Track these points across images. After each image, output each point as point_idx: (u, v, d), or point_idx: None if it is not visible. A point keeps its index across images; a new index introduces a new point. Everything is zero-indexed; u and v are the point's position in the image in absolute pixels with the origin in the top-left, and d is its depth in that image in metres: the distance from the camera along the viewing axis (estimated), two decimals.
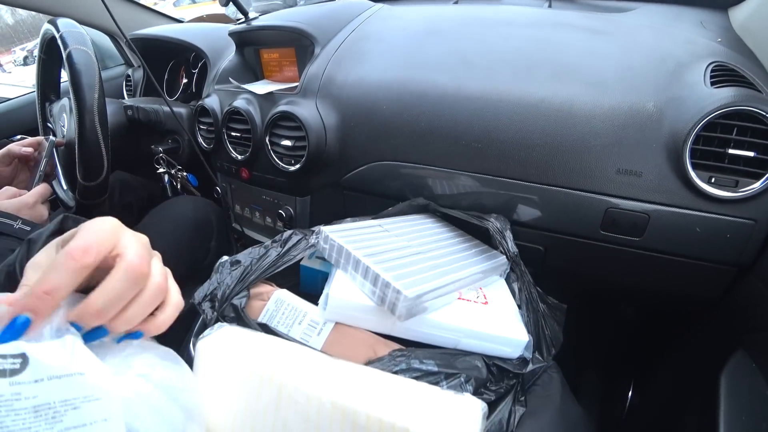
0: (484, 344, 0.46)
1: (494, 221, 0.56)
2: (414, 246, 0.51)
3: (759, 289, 0.49)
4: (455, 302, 0.48)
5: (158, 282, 0.28)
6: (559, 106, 0.53)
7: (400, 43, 0.69)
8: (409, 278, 0.43)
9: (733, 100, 0.47)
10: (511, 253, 0.54)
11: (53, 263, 0.24)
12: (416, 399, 0.35)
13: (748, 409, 0.45)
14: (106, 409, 0.25)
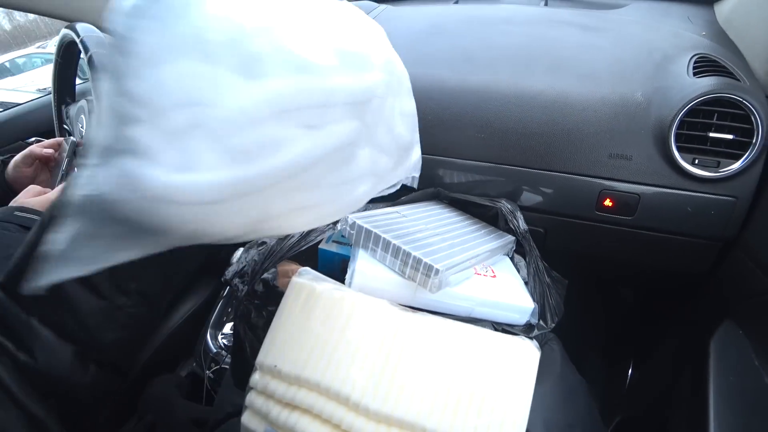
0: (495, 312, 0.51)
1: (505, 203, 0.60)
2: (430, 229, 0.56)
3: (743, 261, 0.53)
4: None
5: None
6: (555, 98, 0.58)
7: (405, 41, 0.73)
8: (435, 255, 0.47)
9: (713, 88, 0.51)
10: (521, 230, 0.58)
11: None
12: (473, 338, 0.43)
13: (735, 370, 0.48)
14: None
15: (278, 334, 0.43)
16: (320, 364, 0.40)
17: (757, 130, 0.50)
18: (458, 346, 0.42)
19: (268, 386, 0.41)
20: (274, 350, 0.42)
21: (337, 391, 0.38)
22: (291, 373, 0.40)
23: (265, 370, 0.42)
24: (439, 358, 0.41)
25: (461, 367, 0.40)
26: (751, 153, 0.51)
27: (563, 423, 0.50)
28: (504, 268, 0.57)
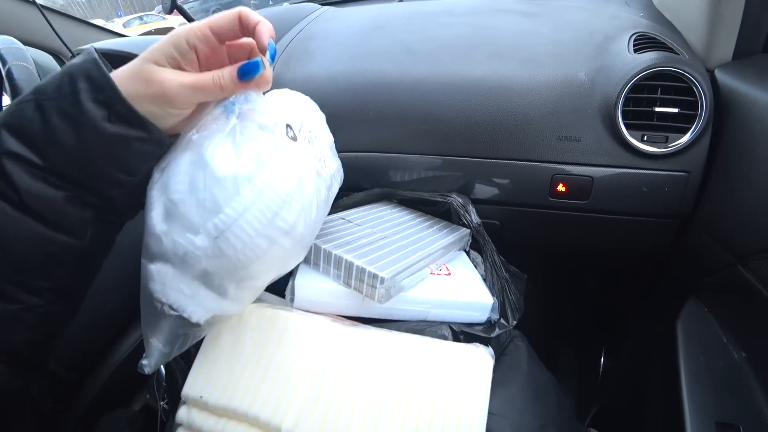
0: (453, 312, 0.48)
1: (456, 197, 0.58)
2: (378, 232, 0.52)
3: (701, 236, 0.52)
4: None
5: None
6: (498, 83, 0.56)
7: (345, 39, 0.71)
8: (381, 261, 0.44)
9: (655, 62, 0.50)
10: (474, 224, 0.55)
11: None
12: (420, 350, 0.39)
13: (704, 349, 0.47)
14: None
15: (205, 361, 0.39)
16: (249, 393, 0.36)
17: (701, 102, 0.49)
18: (403, 361, 0.38)
19: (196, 421, 0.37)
20: (200, 380, 0.38)
21: (267, 421, 0.34)
22: (218, 404, 0.36)
23: (192, 403, 0.38)
24: (382, 377, 0.37)
25: (407, 384, 0.36)
26: (698, 125, 0.50)
27: (535, 425, 0.47)
28: (460, 264, 0.54)
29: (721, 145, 0.50)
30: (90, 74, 0.31)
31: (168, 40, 0.33)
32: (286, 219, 0.34)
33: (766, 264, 0.42)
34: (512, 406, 0.47)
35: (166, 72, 0.32)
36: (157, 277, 0.35)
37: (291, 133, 0.37)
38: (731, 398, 0.42)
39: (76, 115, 0.30)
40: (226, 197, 0.32)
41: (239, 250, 0.33)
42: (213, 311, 0.35)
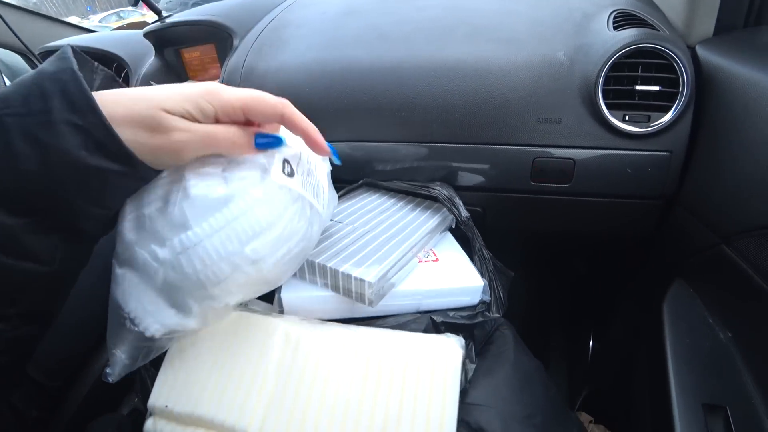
0: (444, 299, 0.47)
1: (440, 189, 0.56)
2: (360, 227, 0.51)
3: (685, 217, 0.51)
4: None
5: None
6: (475, 65, 0.54)
7: (319, 26, 0.68)
8: (367, 262, 0.43)
9: (635, 38, 0.49)
10: (463, 218, 0.54)
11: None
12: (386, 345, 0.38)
13: (690, 331, 0.46)
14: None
15: (170, 370, 0.37)
16: (214, 398, 0.34)
17: (682, 79, 0.48)
18: (369, 356, 0.37)
19: (163, 431, 0.35)
20: (165, 389, 0.36)
21: (232, 425, 0.33)
22: (183, 412, 0.34)
23: (158, 413, 0.36)
24: (348, 373, 0.36)
25: (374, 379, 0.35)
26: (679, 103, 0.48)
27: (521, 414, 0.46)
28: (446, 246, 0.53)
29: (704, 123, 0.49)
30: (67, 90, 0.26)
31: (191, 99, 0.29)
32: (256, 250, 0.33)
33: (751, 243, 0.41)
34: (498, 395, 0.46)
35: (177, 122, 0.28)
36: (120, 282, 0.35)
37: (288, 168, 0.36)
38: (717, 379, 0.42)
39: (45, 140, 0.25)
40: (196, 216, 0.31)
41: (200, 270, 0.32)
42: (170, 328, 0.35)
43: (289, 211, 0.35)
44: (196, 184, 0.32)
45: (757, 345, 0.41)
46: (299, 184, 0.36)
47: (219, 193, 0.32)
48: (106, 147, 0.26)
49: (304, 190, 0.37)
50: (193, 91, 0.29)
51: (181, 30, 0.75)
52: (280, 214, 0.34)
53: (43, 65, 0.27)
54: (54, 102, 0.25)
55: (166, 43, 0.80)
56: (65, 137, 0.25)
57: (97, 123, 0.26)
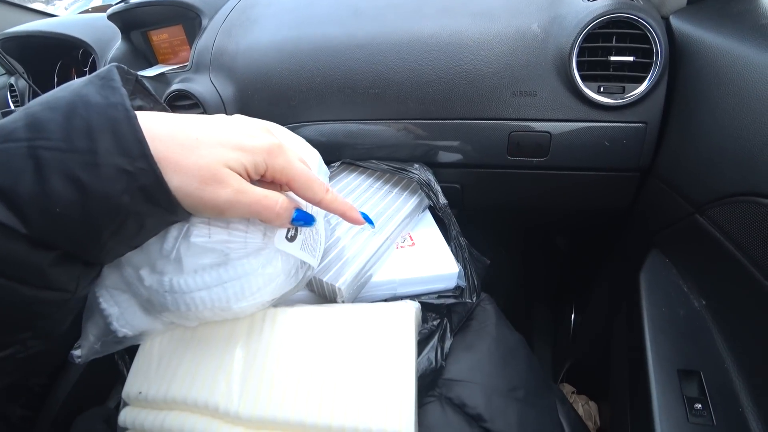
0: (420, 287, 0.47)
1: (418, 172, 0.55)
2: (334, 219, 0.50)
3: (660, 188, 0.51)
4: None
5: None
6: (448, 39, 0.53)
7: (289, 4, 0.66)
8: (339, 263, 0.42)
9: (608, 8, 0.48)
10: (441, 205, 0.53)
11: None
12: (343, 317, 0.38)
13: (666, 300, 0.47)
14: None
15: (143, 359, 0.37)
16: (186, 379, 0.34)
17: (656, 49, 0.48)
18: (328, 329, 0.37)
19: (137, 419, 0.35)
20: (139, 377, 0.36)
21: (204, 402, 0.32)
22: (157, 396, 0.34)
23: (133, 401, 0.36)
24: (310, 347, 0.36)
25: (334, 350, 0.35)
26: (653, 73, 0.48)
27: (504, 387, 0.47)
28: (424, 228, 0.53)
29: (677, 94, 0.49)
30: (119, 130, 0.23)
31: (256, 153, 0.28)
32: (242, 308, 0.33)
33: (722, 211, 0.41)
34: (481, 370, 0.47)
35: (233, 179, 0.27)
36: (104, 278, 0.35)
37: (291, 231, 0.35)
38: (692, 346, 0.42)
39: (88, 183, 0.23)
40: (192, 264, 0.31)
41: (182, 311, 0.32)
42: (140, 330, 0.35)
43: (281, 278, 0.35)
44: (198, 232, 0.30)
45: (729, 311, 0.42)
46: (298, 247, 0.35)
47: (218, 247, 0.31)
48: (152, 195, 0.25)
49: (302, 252, 0.36)
50: (263, 146, 0.29)
51: (146, 11, 0.71)
52: (271, 280, 0.34)
53: (85, 89, 0.24)
54: (102, 142, 0.23)
55: (132, 25, 0.76)
56: (110, 181, 0.23)
57: (146, 169, 0.24)
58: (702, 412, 0.38)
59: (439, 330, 0.45)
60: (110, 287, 0.35)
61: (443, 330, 0.46)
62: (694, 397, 0.39)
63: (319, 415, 0.31)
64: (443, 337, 0.45)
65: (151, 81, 0.70)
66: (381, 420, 0.30)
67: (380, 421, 0.30)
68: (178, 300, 0.31)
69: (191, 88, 0.62)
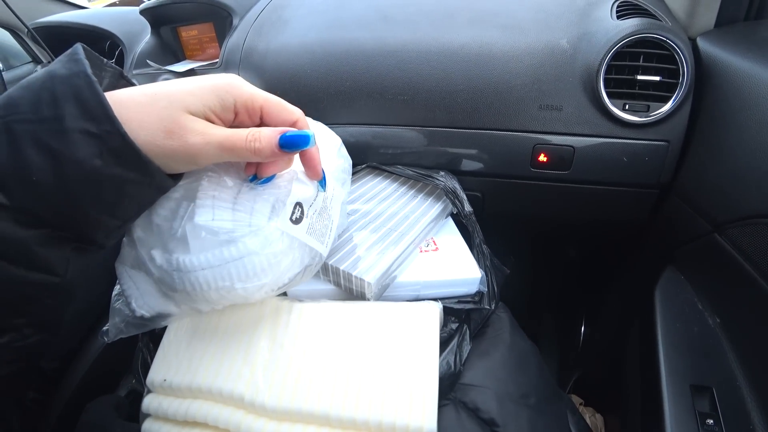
0: (443, 290, 0.48)
1: (444, 180, 0.56)
2: (361, 218, 0.51)
3: (679, 206, 0.52)
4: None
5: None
6: (478, 50, 0.54)
7: (319, 6, 0.67)
8: (368, 258, 0.43)
9: (637, 28, 0.49)
10: (465, 213, 0.54)
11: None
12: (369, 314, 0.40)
13: (681, 316, 0.48)
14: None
15: (169, 347, 0.38)
16: (211, 368, 0.35)
17: (682, 70, 0.49)
18: (354, 325, 0.38)
19: (161, 407, 0.36)
20: (164, 364, 0.37)
21: (229, 392, 0.33)
22: (182, 384, 0.35)
23: (157, 389, 0.37)
24: (335, 341, 0.37)
25: (359, 345, 0.37)
26: (679, 94, 0.49)
27: (517, 394, 0.48)
28: (446, 234, 0.54)
29: (701, 115, 0.50)
30: (80, 95, 0.24)
31: (214, 91, 0.28)
32: (247, 289, 0.33)
33: (742, 232, 0.42)
34: (495, 376, 0.48)
35: (195, 123, 0.27)
36: (123, 260, 0.36)
37: (298, 212, 0.35)
38: (705, 362, 0.43)
39: (58, 149, 0.24)
40: (197, 244, 0.32)
41: (189, 290, 0.33)
42: (157, 311, 0.36)
43: (285, 260, 0.35)
44: (203, 212, 0.32)
45: (743, 330, 0.43)
46: (304, 231, 0.36)
47: (222, 227, 0.32)
48: (122, 156, 0.25)
49: (307, 236, 0.36)
50: (215, 83, 0.28)
51: (178, 7, 0.73)
52: (274, 262, 0.34)
53: (53, 66, 0.26)
54: (67, 108, 0.24)
55: (162, 20, 0.78)
56: (79, 146, 0.24)
57: (112, 131, 0.25)
58: (714, 427, 0.39)
59: (458, 335, 0.46)
60: (129, 267, 0.37)
61: (462, 335, 0.47)
62: (706, 413, 0.40)
63: (344, 408, 0.32)
64: (462, 342, 0.46)
65: (179, 76, 0.72)
66: (405, 415, 0.32)
67: (404, 417, 0.31)
68: (184, 279, 0.32)
69: None
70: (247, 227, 0.32)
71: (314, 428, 0.32)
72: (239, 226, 0.32)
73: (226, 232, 0.31)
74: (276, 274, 0.34)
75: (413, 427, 0.31)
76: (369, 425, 0.32)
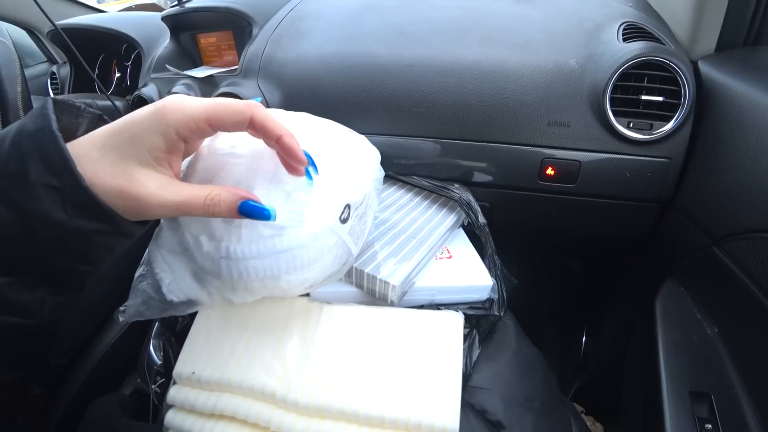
0: (457, 295, 0.50)
1: (459, 192, 0.58)
2: (381, 224, 0.53)
3: (679, 220, 0.55)
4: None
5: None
6: (491, 67, 0.57)
7: (337, 20, 0.70)
8: (390, 263, 0.45)
9: (642, 51, 0.52)
10: (479, 224, 0.56)
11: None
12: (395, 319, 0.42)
13: (680, 326, 0.50)
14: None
15: (196, 340, 0.39)
16: (242, 363, 0.36)
17: (684, 91, 0.51)
18: (382, 328, 0.40)
19: (188, 398, 0.37)
20: (192, 357, 0.38)
21: (261, 387, 0.35)
22: (211, 378, 0.36)
23: (184, 381, 0.38)
24: (364, 343, 0.39)
25: (387, 348, 0.39)
26: (681, 114, 0.52)
27: (522, 398, 0.49)
28: (459, 244, 0.56)
29: (702, 134, 0.52)
30: (44, 150, 0.25)
31: (153, 127, 0.27)
32: (291, 282, 0.35)
33: (739, 246, 0.45)
34: (501, 380, 0.50)
35: (150, 181, 0.27)
36: (160, 244, 0.38)
37: (346, 213, 0.37)
38: (704, 370, 0.45)
39: (23, 203, 0.25)
40: (249, 231, 0.32)
41: (234, 278, 0.34)
42: (190, 297, 0.37)
43: (329, 256, 0.37)
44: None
45: (740, 339, 0.45)
46: (347, 231, 0.38)
47: (276, 223, 0.32)
48: (85, 208, 0.26)
49: (348, 237, 0.39)
50: (153, 119, 0.27)
51: (199, 15, 0.75)
52: (321, 256, 0.36)
53: (24, 121, 0.26)
54: (32, 163, 0.24)
55: (183, 27, 0.80)
56: (43, 199, 0.25)
57: (74, 184, 0.25)
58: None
59: (468, 339, 0.48)
60: (166, 251, 0.38)
61: (472, 340, 0.48)
62: (705, 418, 0.42)
63: (373, 406, 0.34)
64: (471, 346, 0.48)
65: (197, 81, 0.74)
66: (430, 415, 0.33)
67: (429, 416, 0.33)
68: (232, 267, 0.33)
69: (239, 91, 0.66)
70: (299, 221, 0.33)
71: (342, 425, 0.34)
72: (293, 219, 0.33)
73: (279, 224, 0.32)
74: (319, 269, 0.36)
75: (438, 427, 0.33)
76: (397, 424, 0.33)
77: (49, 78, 1.07)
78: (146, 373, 0.82)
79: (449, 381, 0.36)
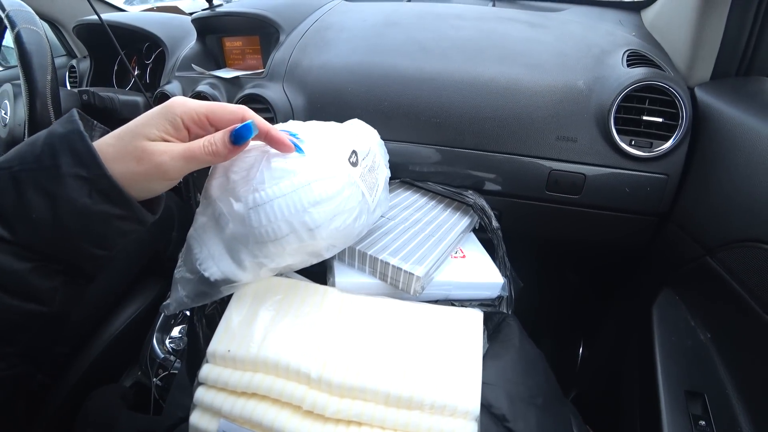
0: (470, 292, 0.53)
1: (473, 197, 0.62)
2: (401, 223, 0.56)
3: (676, 232, 0.59)
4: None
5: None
6: (506, 84, 0.61)
7: (361, 32, 0.74)
8: (413, 257, 0.48)
9: (645, 76, 0.57)
10: (492, 227, 0.59)
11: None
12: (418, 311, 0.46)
13: (675, 332, 0.53)
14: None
15: (231, 321, 0.41)
16: (278, 344, 0.39)
17: (682, 114, 0.56)
18: (408, 319, 0.44)
19: (221, 377, 0.39)
20: (227, 337, 0.40)
21: (296, 368, 0.37)
22: (247, 356, 0.38)
23: (218, 359, 0.40)
24: (392, 331, 0.42)
25: (414, 336, 0.42)
26: (678, 134, 0.56)
27: (526, 395, 0.52)
28: (471, 245, 0.59)
29: (697, 153, 0.57)
30: (74, 147, 0.30)
31: (162, 115, 0.32)
32: (313, 218, 0.38)
33: (730, 254, 0.48)
34: (505, 377, 0.52)
35: (156, 146, 0.32)
36: (196, 226, 0.42)
37: (354, 158, 0.43)
38: (698, 371, 0.48)
39: (55, 191, 0.29)
40: (271, 180, 0.37)
41: (264, 225, 0.37)
42: (226, 275, 0.40)
43: (345, 192, 0.40)
44: (277, 159, 0.38)
45: (732, 344, 0.48)
46: (358, 175, 0.43)
47: (292, 167, 0.38)
48: (108, 194, 0.30)
49: (360, 180, 0.43)
50: (162, 110, 0.33)
51: (229, 19, 0.79)
52: (337, 191, 0.39)
53: (53, 126, 0.31)
54: (63, 158, 0.29)
55: (210, 29, 0.84)
56: (72, 187, 0.29)
57: (100, 174, 0.30)
58: (706, 428, 0.44)
59: None
60: (200, 228, 0.42)
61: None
62: (699, 415, 0.45)
63: (402, 388, 0.36)
64: None
65: (223, 82, 0.77)
66: (454, 397, 0.36)
67: (453, 398, 0.36)
68: (260, 213, 0.37)
69: (264, 93, 0.69)
70: (314, 164, 0.39)
71: (372, 405, 0.36)
72: (306, 162, 0.39)
73: (294, 166, 0.38)
74: (339, 202, 0.39)
75: (461, 409, 0.36)
76: (423, 404, 0.36)
77: (68, 71, 1.09)
78: (148, 366, 0.83)
79: (471, 369, 0.39)
